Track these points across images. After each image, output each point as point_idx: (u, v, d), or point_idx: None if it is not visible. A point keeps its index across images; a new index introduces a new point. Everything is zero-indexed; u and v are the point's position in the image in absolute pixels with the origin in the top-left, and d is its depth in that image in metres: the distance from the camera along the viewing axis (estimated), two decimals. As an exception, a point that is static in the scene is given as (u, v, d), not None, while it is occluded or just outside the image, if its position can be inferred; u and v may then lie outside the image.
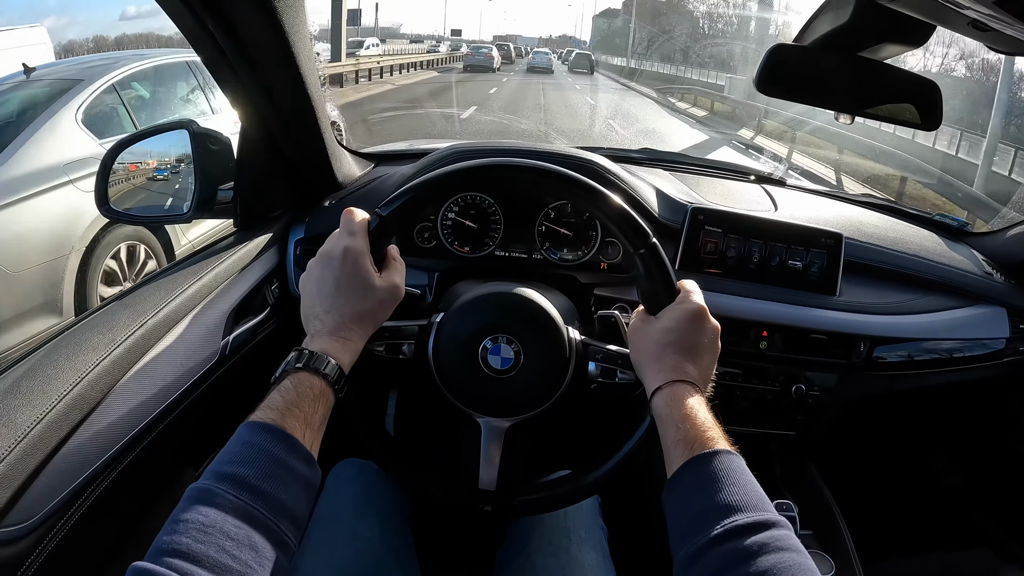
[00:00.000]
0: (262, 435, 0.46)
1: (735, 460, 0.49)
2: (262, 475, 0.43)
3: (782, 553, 0.42)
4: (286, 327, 0.95)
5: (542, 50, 34.42)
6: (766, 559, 0.41)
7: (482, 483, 0.65)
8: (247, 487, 0.42)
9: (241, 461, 0.44)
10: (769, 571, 0.41)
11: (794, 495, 0.98)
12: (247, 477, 0.43)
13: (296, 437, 0.47)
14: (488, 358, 0.64)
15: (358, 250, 0.57)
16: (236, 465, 0.44)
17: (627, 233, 0.61)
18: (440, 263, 0.95)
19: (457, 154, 0.96)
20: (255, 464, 0.44)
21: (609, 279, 0.95)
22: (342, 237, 0.58)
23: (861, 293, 0.98)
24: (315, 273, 0.58)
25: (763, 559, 0.41)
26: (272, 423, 0.47)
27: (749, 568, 0.41)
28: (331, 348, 0.54)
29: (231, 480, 0.42)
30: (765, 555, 0.42)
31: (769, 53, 0.77)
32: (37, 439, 0.56)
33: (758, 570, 0.41)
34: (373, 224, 0.60)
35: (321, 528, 0.71)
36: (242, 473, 0.43)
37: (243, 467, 0.43)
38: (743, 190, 1.15)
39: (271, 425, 0.46)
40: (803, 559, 0.42)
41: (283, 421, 0.47)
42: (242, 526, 0.41)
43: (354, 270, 0.57)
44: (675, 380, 0.56)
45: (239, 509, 0.41)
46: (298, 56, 0.76)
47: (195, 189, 0.90)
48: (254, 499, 0.42)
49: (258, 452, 0.45)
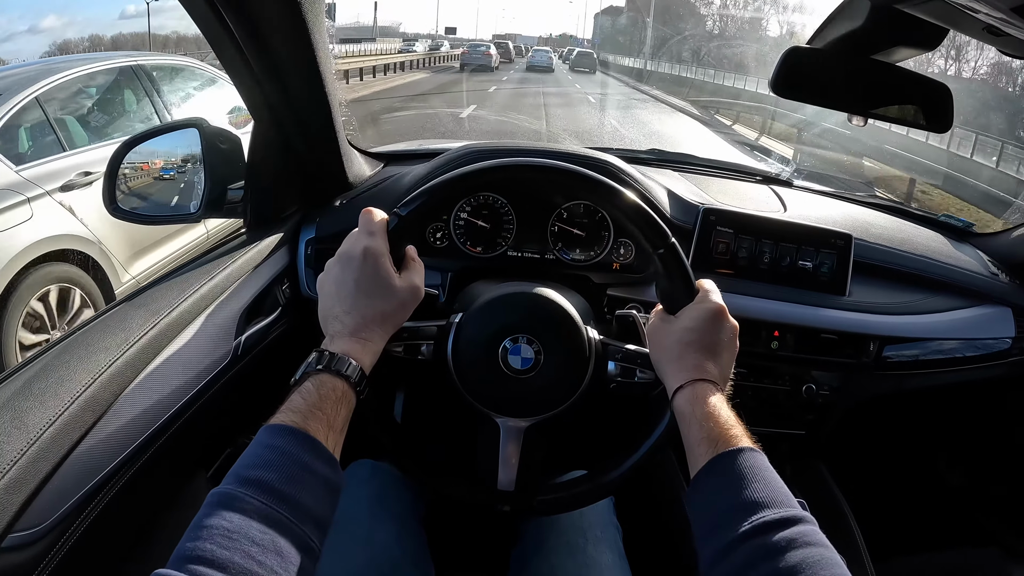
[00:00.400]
0: (285, 438, 0.45)
1: (759, 457, 0.50)
2: (286, 479, 0.43)
3: (810, 548, 0.42)
4: (298, 327, 0.94)
5: (542, 48, 32.85)
6: (795, 554, 0.42)
7: (501, 483, 0.65)
8: (271, 491, 0.42)
9: (264, 465, 0.43)
10: (798, 566, 0.41)
11: (804, 494, 0.97)
12: (271, 481, 0.42)
13: (319, 440, 0.46)
14: (508, 358, 0.63)
15: (378, 250, 0.57)
16: (260, 469, 0.43)
17: (647, 233, 0.62)
18: (453, 263, 0.94)
19: (472, 154, 0.96)
20: (279, 468, 0.43)
21: (622, 279, 0.95)
22: (361, 237, 0.58)
23: (870, 293, 0.98)
24: (334, 273, 0.58)
25: (792, 554, 0.42)
26: (295, 426, 0.46)
27: (779, 563, 0.42)
28: (352, 349, 0.54)
29: (255, 484, 0.42)
30: (794, 550, 0.42)
31: (784, 56, 0.77)
32: (50, 442, 0.55)
33: (787, 565, 0.41)
34: (393, 223, 0.59)
35: (335, 529, 0.70)
36: (266, 477, 0.42)
37: (267, 471, 0.43)
38: (752, 191, 1.16)
39: (294, 428, 0.46)
40: (831, 554, 0.43)
41: (306, 424, 0.47)
42: (267, 531, 0.40)
43: (375, 271, 0.56)
44: (696, 379, 0.56)
45: (263, 514, 0.41)
46: (317, 54, 0.76)
47: (204, 188, 0.89)
48: (279, 503, 0.42)
49: (281, 455, 0.44)
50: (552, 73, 25.42)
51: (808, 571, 0.41)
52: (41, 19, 16.03)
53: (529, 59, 28.95)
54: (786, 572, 0.41)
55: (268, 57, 0.74)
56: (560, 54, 37.68)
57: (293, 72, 0.77)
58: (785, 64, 0.76)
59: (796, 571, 0.41)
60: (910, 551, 1.00)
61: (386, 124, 8.08)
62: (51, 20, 15.87)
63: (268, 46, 0.72)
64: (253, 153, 0.90)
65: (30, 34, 13.99)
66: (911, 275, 1.02)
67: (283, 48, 0.74)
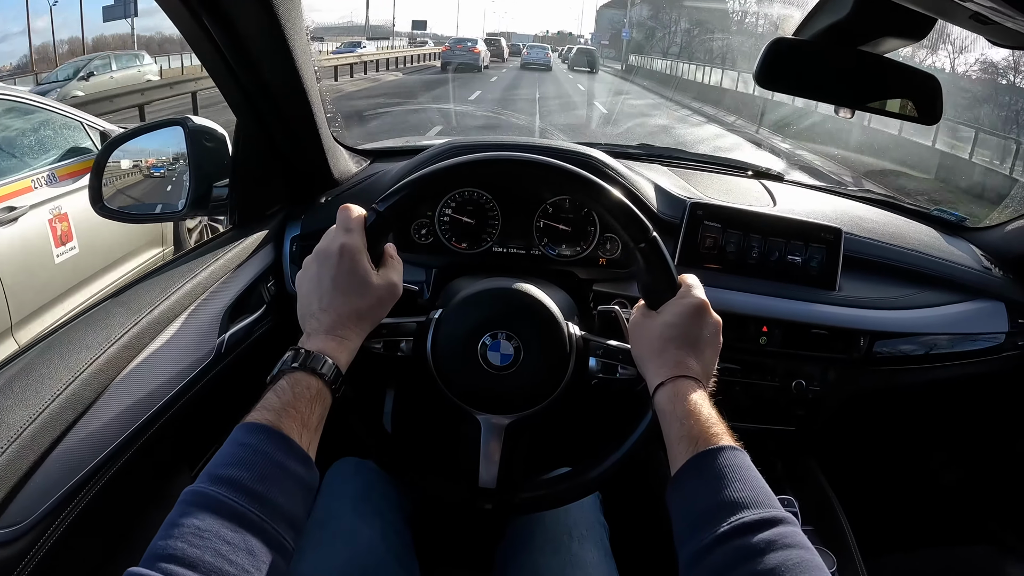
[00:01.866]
0: (258, 436, 0.45)
1: (740, 456, 0.49)
2: (258, 477, 0.43)
3: (790, 550, 0.42)
4: (282, 325, 0.94)
5: (539, 45, 29.04)
6: (774, 556, 0.41)
7: (482, 481, 0.64)
8: (243, 490, 0.42)
9: (237, 463, 0.43)
10: (777, 568, 0.40)
11: (795, 491, 0.98)
12: (242, 480, 0.42)
13: (293, 438, 0.46)
14: (488, 354, 0.63)
15: (355, 247, 0.56)
16: (232, 467, 0.43)
17: (628, 227, 0.61)
18: (438, 259, 0.94)
19: (455, 149, 0.95)
20: (251, 466, 0.43)
21: (608, 274, 0.95)
22: (339, 234, 0.57)
23: (860, 288, 0.98)
24: (312, 271, 0.58)
25: (771, 556, 0.41)
26: (268, 424, 0.46)
27: (757, 565, 0.41)
28: (328, 347, 0.53)
29: (226, 483, 0.42)
30: (773, 552, 0.41)
31: (769, 47, 0.76)
32: (30, 439, 0.55)
33: (766, 567, 0.41)
34: (371, 220, 0.59)
35: (319, 528, 0.70)
36: (237, 476, 0.42)
37: (239, 469, 0.43)
38: (742, 185, 1.15)
39: (267, 426, 0.46)
40: (811, 556, 0.42)
41: (279, 422, 0.46)
42: (238, 530, 0.40)
43: (351, 268, 0.56)
44: (678, 375, 0.55)
45: (235, 512, 0.41)
46: (295, 50, 0.76)
47: (190, 187, 0.89)
48: (250, 502, 0.41)
49: (254, 454, 0.44)
50: (550, 72, 22.07)
51: (787, 573, 0.40)
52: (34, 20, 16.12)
53: (524, 57, 25.19)
54: (765, 574, 0.40)
55: (245, 52, 0.74)
56: (560, 52, 34.30)
57: (269, 67, 0.77)
58: (769, 55, 0.75)
59: (775, 573, 0.40)
60: (902, 548, 0.99)
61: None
62: (44, 20, 15.84)
63: (243, 40, 0.72)
64: (237, 150, 0.90)
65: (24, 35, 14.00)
66: (902, 269, 1.02)
67: (259, 43, 0.74)
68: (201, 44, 0.73)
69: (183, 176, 0.92)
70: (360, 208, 0.59)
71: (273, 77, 0.79)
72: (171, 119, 0.90)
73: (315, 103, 0.87)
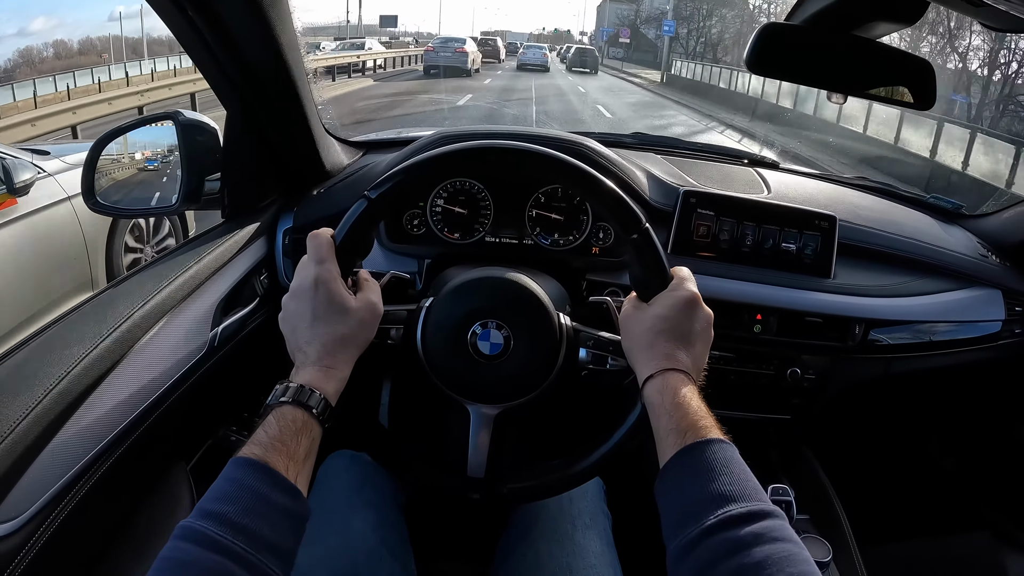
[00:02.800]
0: (245, 471, 0.46)
1: (728, 449, 0.49)
2: (243, 511, 0.44)
3: (776, 544, 0.42)
4: (275, 318, 0.94)
5: (535, 44, 27.24)
6: (760, 550, 0.41)
7: (471, 471, 0.64)
8: (228, 523, 0.43)
9: (224, 498, 0.45)
10: (763, 562, 0.40)
11: (791, 480, 0.98)
12: (228, 514, 0.43)
13: (279, 471, 0.47)
14: (478, 343, 0.63)
15: (329, 276, 0.57)
16: (219, 502, 0.44)
17: (620, 218, 0.61)
18: (430, 250, 0.94)
19: (446, 138, 0.95)
20: (237, 500, 0.44)
21: (601, 264, 0.95)
22: (310, 267, 0.57)
23: (856, 276, 0.97)
24: (291, 309, 0.58)
25: (757, 550, 0.41)
26: (255, 458, 0.47)
27: (743, 559, 0.41)
28: (315, 379, 0.54)
29: (214, 517, 0.43)
30: (759, 546, 0.41)
31: (759, 32, 0.76)
32: (24, 434, 0.55)
33: (752, 561, 0.41)
34: (362, 207, 0.59)
35: (313, 521, 0.71)
36: (224, 510, 0.44)
37: (225, 504, 0.44)
38: (736, 173, 1.14)
39: (254, 460, 0.47)
40: (798, 549, 0.42)
41: (266, 456, 0.47)
42: (222, 561, 0.41)
43: (328, 298, 0.56)
44: (667, 368, 0.55)
45: (219, 545, 0.42)
46: (282, 43, 0.76)
47: (182, 180, 0.89)
48: (235, 535, 0.42)
49: (240, 488, 0.45)
50: (547, 72, 20.08)
51: (773, 567, 0.40)
52: (30, 21, 16.04)
53: (520, 57, 23.34)
54: (751, 568, 0.40)
55: (232, 45, 0.74)
56: (558, 51, 31.77)
57: (258, 59, 0.77)
58: (760, 40, 0.74)
59: (761, 567, 0.40)
60: (898, 537, 0.99)
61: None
62: (40, 22, 15.84)
63: (230, 33, 0.72)
64: (228, 144, 0.90)
65: (19, 37, 13.95)
66: (898, 257, 1.01)
67: (246, 35, 0.73)
68: (186, 35, 0.73)
69: (176, 170, 0.92)
70: (327, 231, 0.59)
71: (262, 69, 0.78)
72: (163, 113, 0.90)
73: (305, 95, 0.86)
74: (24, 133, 5.35)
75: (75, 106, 6.26)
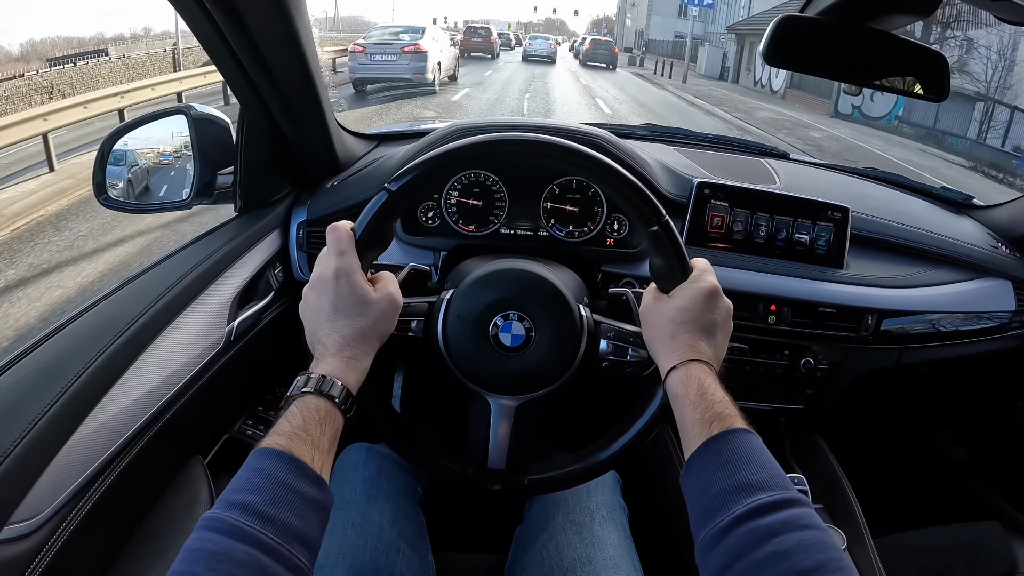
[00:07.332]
0: (270, 461, 0.46)
1: (753, 439, 0.49)
2: (270, 501, 0.44)
3: (805, 531, 0.42)
4: (291, 311, 0.94)
5: (542, 35, 24.64)
6: (789, 537, 0.41)
7: (491, 462, 0.64)
8: (256, 514, 0.43)
9: (250, 488, 0.44)
10: (792, 549, 0.41)
11: (804, 469, 0.98)
12: (255, 504, 0.43)
13: (304, 460, 0.47)
14: (499, 335, 0.63)
15: (349, 268, 0.57)
16: (245, 493, 0.44)
17: (640, 210, 0.60)
18: (445, 242, 0.94)
19: (461, 131, 0.95)
20: (263, 490, 0.44)
21: (616, 255, 0.95)
22: (331, 258, 0.57)
23: (868, 266, 0.98)
24: (311, 301, 0.58)
25: (786, 537, 0.41)
26: (280, 448, 0.47)
27: (773, 546, 0.41)
28: (336, 369, 0.54)
29: (240, 508, 0.43)
30: (788, 533, 0.42)
31: (775, 24, 0.76)
32: (43, 433, 0.55)
33: (781, 548, 0.41)
34: (382, 200, 0.59)
35: (331, 514, 0.71)
36: (251, 500, 0.43)
37: (252, 494, 0.44)
38: (747, 164, 1.14)
39: (279, 450, 0.46)
40: (825, 536, 0.42)
41: (291, 446, 0.47)
42: (252, 552, 0.41)
43: (349, 290, 0.56)
44: (690, 359, 0.55)
45: (249, 536, 0.41)
46: (299, 34, 0.75)
47: (194, 175, 0.89)
48: (263, 525, 0.42)
49: (266, 478, 0.45)
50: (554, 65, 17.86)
51: (803, 554, 0.40)
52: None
53: (525, 48, 22.14)
54: (780, 555, 0.41)
55: (249, 38, 0.73)
56: (571, 45, 28.59)
57: (274, 52, 0.76)
58: (776, 32, 0.74)
59: (790, 554, 0.41)
60: (910, 525, 0.99)
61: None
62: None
63: (248, 26, 0.71)
64: (241, 137, 0.89)
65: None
66: (910, 248, 1.01)
67: (264, 29, 0.73)
68: (203, 28, 0.72)
69: (187, 165, 0.91)
70: (347, 224, 0.59)
71: (278, 63, 0.78)
72: (175, 107, 0.90)
73: (320, 88, 0.86)
74: (77, 115, 5.71)
75: (123, 90, 6.66)
